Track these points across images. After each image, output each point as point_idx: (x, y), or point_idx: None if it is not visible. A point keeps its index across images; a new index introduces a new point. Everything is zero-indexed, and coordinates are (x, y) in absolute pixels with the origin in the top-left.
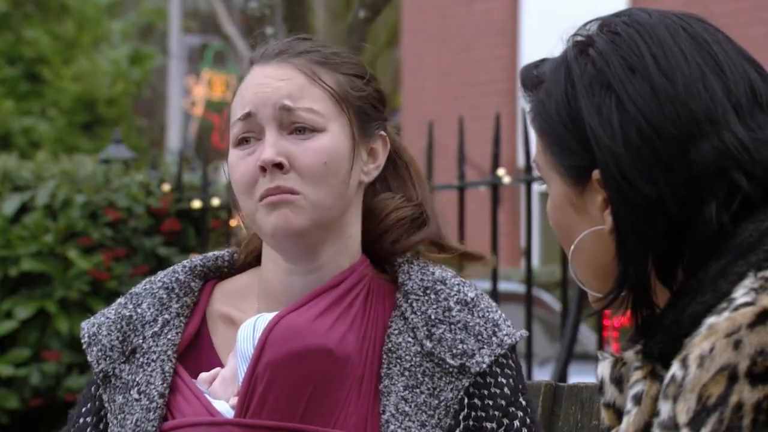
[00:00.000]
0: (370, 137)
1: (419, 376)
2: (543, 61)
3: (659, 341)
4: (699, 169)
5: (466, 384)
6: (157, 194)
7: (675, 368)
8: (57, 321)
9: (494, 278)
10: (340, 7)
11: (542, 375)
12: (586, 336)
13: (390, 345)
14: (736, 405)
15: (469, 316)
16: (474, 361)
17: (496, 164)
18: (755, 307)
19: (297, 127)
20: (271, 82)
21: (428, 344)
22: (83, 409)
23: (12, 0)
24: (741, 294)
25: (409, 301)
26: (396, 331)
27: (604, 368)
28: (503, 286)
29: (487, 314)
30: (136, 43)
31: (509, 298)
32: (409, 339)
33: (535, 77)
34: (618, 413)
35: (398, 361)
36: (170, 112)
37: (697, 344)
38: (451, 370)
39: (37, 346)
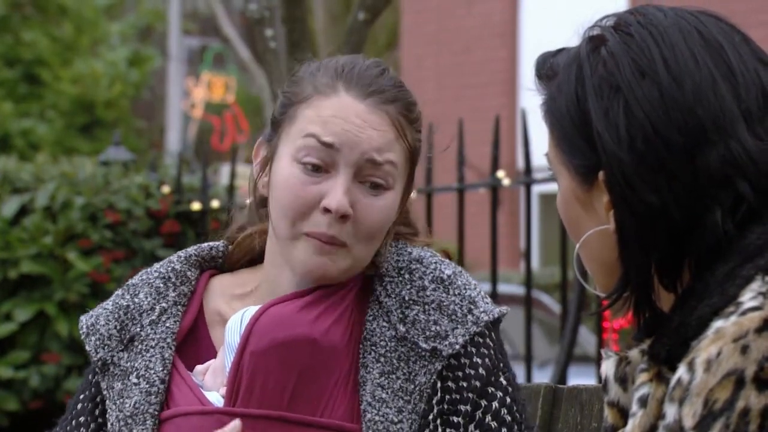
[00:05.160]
0: (413, 185)
1: (394, 361)
2: (561, 51)
3: (666, 344)
4: (704, 178)
5: (439, 367)
6: (156, 196)
7: (681, 371)
8: (56, 323)
9: (494, 280)
10: (340, 9)
11: (542, 377)
12: (586, 338)
13: (365, 332)
14: (742, 410)
15: (444, 295)
16: (447, 343)
17: (495, 166)
18: (763, 312)
19: (374, 183)
20: (364, 127)
21: (402, 328)
22: (81, 396)
23: (11, 2)
24: (748, 298)
25: (384, 284)
26: (371, 317)
27: (608, 367)
28: (502, 288)
29: (464, 291)
30: (135, 44)
31: (509, 300)
32: (384, 324)
33: (549, 68)
34: (622, 412)
35: (373, 348)
36: (169, 114)
37: (704, 348)
38: (423, 353)
39: (37, 349)
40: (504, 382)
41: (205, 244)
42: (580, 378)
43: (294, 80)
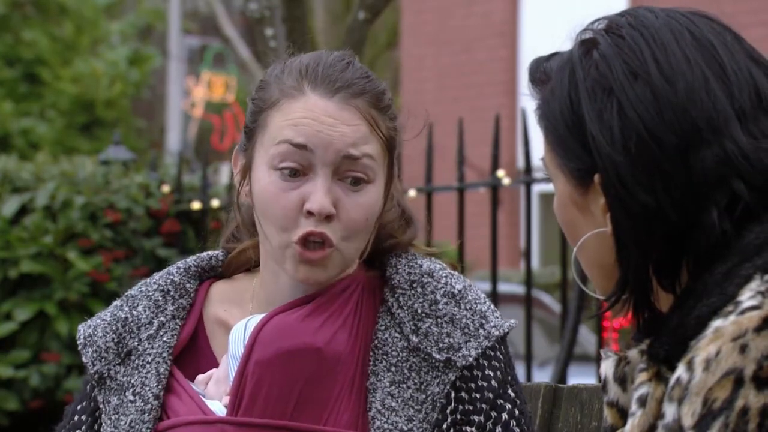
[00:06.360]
0: (394, 174)
1: (406, 371)
2: (553, 55)
3: (665, 343)
4: (699, 177)
5: (453, 378)
6: (156, 196)
7: (680, 371)
8: (56, 322)
9: (494, 279)
10: (340, 9)
11: (542, 376)
12: (586, 337)
13: (376, 341)
14: (741, 409)
15: (456, 309)
16: (460, 354)
17: (495, 165)
18: (762, 311)
19: (354, 178)
20: (335, 125)
21: (414, 339)
22: (78, 407)
23: (11, 1)
24: (747, 297)
25: (396, 295)
26: (383, 327)
27: (607, 367)
28: (503, 287)
29: (475, 306)
30: (135, 44)
31: (509, 300)
32: (396, 334)
33: (543, 73)
34: (621, 412)
35: (384, 357)
36: (170, 114)
37: (703, 347)
38: (437, 364)
39: (37, 348)
40: (512, 395)
41: (204, 254)
42: (580, 377)
43: (261, 85)
